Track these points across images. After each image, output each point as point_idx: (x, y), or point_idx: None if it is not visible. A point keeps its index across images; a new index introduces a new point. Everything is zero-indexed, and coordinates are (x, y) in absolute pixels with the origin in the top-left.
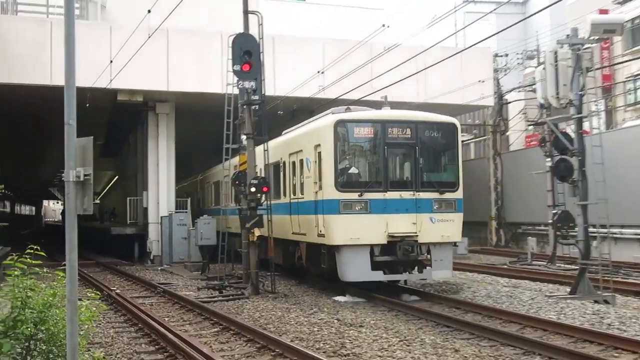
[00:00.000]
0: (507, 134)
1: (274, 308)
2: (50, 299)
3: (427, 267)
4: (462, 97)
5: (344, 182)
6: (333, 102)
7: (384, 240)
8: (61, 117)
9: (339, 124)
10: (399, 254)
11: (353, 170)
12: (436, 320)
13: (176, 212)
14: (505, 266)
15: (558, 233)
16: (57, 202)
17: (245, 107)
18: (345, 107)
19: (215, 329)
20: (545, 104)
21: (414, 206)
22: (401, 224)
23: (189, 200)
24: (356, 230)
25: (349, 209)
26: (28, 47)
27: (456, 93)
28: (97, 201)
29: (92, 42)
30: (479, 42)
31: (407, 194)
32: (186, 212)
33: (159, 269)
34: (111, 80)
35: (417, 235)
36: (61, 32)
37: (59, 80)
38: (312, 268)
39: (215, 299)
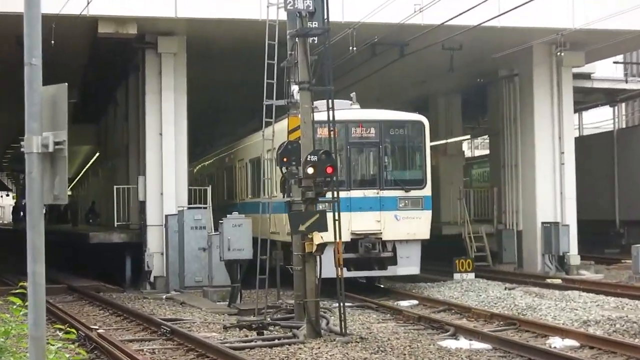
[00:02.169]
0: None
1: (345, 359)
2: (1, 340)
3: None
4: None
5: None
6: (436, 31)
7: (347, 238)
8: (15, 59)
9: None
10: (360, 251)
11: None
12: None
13: (190, 208)
14: None
15: None
16: (7, 195)
17: (297, 40)
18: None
19: None
20: None
21: (377, 204)
22: (364, 222)
23: (209, 189)
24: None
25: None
26: None
27: (635, 13)
28: (68, 192)
29: None
30: None
31: (370, 192)
32: (205, 207)
33: (164, 297)
34: (88, 3)
35: (380, 233)
36: None
37: (5, 4)
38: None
39: (253, 343)
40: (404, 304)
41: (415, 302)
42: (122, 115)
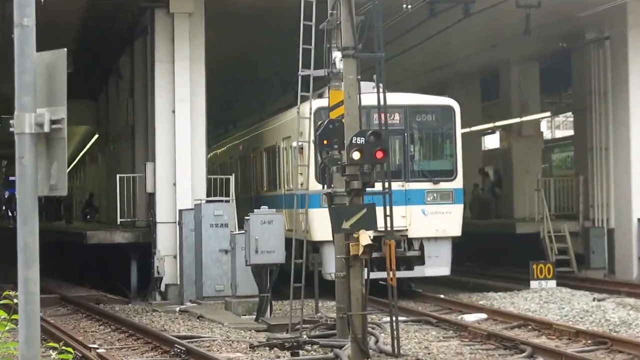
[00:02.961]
0: None
1: None
2: None
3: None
4: None
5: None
6: None
7: None
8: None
9: (318, 110)
10: (383, 249)
11: None
12: None
13: (209, 202)
14: None
15: None
16: None
17: None
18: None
19: None
20: None
21: (403, 198)
22: None
23: (232, 178)
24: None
25: None
26: None
27: None
28: None
29: None
30: None
31: (395, 185)
32: (228, 201)
33: (177, 309)
34: None
35: (406, 230)
36: None
37: None
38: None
39: None
40: (470, 318)
41: (484, 315)
42: (127, 90)
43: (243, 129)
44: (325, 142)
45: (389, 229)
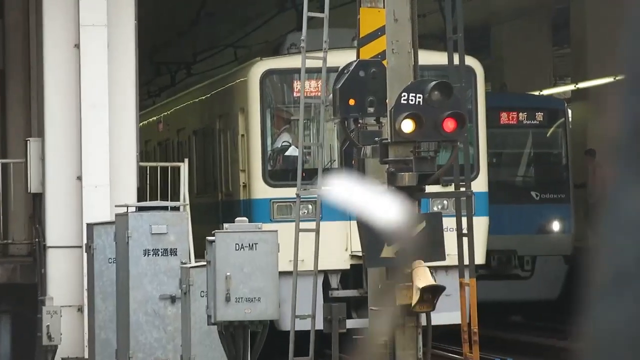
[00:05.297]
0: None
1: None
2: None
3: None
4: None
5: (279, 170)
6: None
7: (344, 264)
8: None
9: (268, 76)
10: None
11: (292, 151)
12: None
13: (142, 210)
14: None
15: None
16: None
17: None
18: (290, 43)
19: None
20: None
21: None
22: None
23: (184, 165)
24: (299, 249)
25: (285, 214)
26: None
27: None
28: None
29: None
30: None
31: None
32: (177, 208)
33: None
34: None
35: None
36: None
37: None
38: None
39: None
40: None
41: None
42: None
43: (182, 91)
44: (351, 102)
45: (465, 257)
